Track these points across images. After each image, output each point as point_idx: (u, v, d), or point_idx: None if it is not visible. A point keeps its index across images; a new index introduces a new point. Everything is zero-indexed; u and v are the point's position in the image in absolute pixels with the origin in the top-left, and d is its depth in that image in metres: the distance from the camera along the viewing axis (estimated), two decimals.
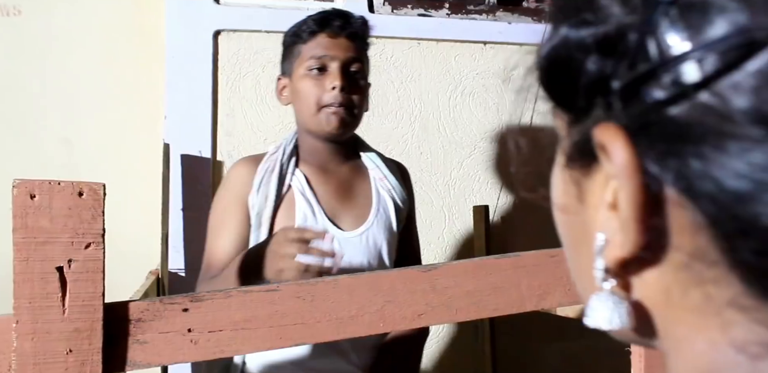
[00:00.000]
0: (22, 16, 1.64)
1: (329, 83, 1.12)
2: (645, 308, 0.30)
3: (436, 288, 0.76)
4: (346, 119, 1.13)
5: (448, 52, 1.77)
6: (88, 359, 0.61)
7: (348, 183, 1.20)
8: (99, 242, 0.63)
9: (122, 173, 1.63)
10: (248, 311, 0.69)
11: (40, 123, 1.63)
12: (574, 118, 0.30)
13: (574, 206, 0.32)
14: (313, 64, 1.14)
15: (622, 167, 0.26)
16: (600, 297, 0.30)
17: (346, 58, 1.14)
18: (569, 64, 0.28)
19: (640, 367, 0.77)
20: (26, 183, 0.61)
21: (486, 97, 1.78)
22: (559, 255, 0.80)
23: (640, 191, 0.26)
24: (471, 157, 1.77)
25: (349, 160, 1.23)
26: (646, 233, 0.27)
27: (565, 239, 0.35)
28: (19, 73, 1.63)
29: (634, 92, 0.26)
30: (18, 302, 0.60)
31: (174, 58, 1.64)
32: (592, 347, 1.79)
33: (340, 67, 1.13)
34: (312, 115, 1.13)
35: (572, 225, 0.33)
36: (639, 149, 0.26)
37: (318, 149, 1.19)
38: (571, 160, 0.31)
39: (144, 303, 0.66)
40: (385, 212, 1.20)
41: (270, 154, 1.17)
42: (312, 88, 1.13)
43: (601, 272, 0.29)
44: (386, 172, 1.22)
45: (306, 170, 1.17)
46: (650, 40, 0.25)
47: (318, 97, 1.12)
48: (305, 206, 1.13)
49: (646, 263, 0.28)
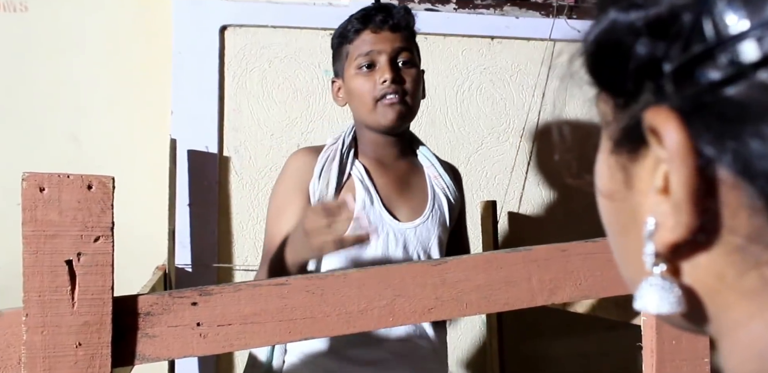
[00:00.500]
0: (29, 12, 1.64)
1: (379, 77, 1.14)
2: (696, 293, 0.29)
3: (446, 282, 0.75)
4: (402, 109, 1.15)
5: (455, 47, 1.76)
6: (97, 353, 0.61)
7: (404, 177, 1.23)
8: (108, 235, 0.63)
9: (129, 169, 1.63)
10: (257, 305, 0.69)
11: (48, 119, 1.63)
12: (621, 102, 0.30)
13: (621, 192, 0.31)
14: (362, 61, 1.16)
15: (676, 150, 0.26)
16: (650, 282, 0.30)
17: (393, 49, 1.16)
18: (618, 48, 0.28)
19: (651, 362, 0.77)
20: (35, 176, 0.60)
21: (493, 92, 1.77)
22: (569, 249, 0.80)
23: (693, 174, 0.26)
24: (478, 153, 1.76)
25: (406, 156, 1.25)
26: (700, 215, 0.27)
27: (610, 225, 0.35)
28: (25, 69, 1.63)
29: (688, 74, 0.26)
30: (27, 296, 0.60)
31: (180, 54, 1.63)
32: (601, 342, 1.78)
33: (388, 60, 1.15)
34: (369, 111, 1.15)
35: (618, 211, 0.33)
36: (693, 131, 0.26)
37: (376, 143, 1.21)
38: (619, 146, 0.31)
39: (153, 297, 0.66)
40: (439, 208, 1.22)
41: (329, 144, 1.20)
42: (364, 85, 1.15)
43: (652, 256, 0.29)
44: (441, 170, 1.25)
45: (365, 162, 1.20)
46: (706, 20, 0.25)
47: (371, 92, 1.14)
48: (364, 194, 1.15)
49: (698, 246, 0.28)
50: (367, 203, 1.15)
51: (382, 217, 1.16)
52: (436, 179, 1.24)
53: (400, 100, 1.14)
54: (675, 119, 0.26)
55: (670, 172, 0.27)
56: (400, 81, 1.15)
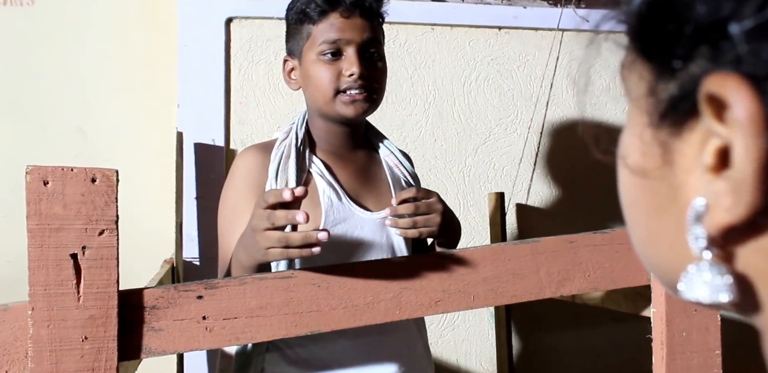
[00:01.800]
0: (35, 6, 1.64)
1: (346, 69, 1.04)
2: (749, 280, 0.27)
3: (453, 275, 0.75)
4: (366, 105, 1.06)
5: (462, 37, 1.75)
6: (103, 347, 0.61)
7: (364, 167, 1.15)
8: (113, 228, 0.62)
9: (136, 162, 1.63)
10: (263, 299, 0.68)
11: (54, 113, 1.63)
12: (668, 70, 0.27)
13: (658, 169, 0.29)
14: (327, 48, 1.05)
15: (748, 121, 0.23)
16: (699, 269, 0.27)
17: (363, 40, 1.05)
18: (672, 8, 0.26)
19: (662, 354, 0.76)
20: (39, 169, 0.60)
21: (501, 82, 1.76)
22: (577, 241, 0.79)
23: (765, 148, 0.23)
24: (486, 144, 1.75)
25: (362, 145, 1.17)
26: (764, 194, 0.24)
27: (637, 207, 0.31)
28: (32, 62, 1.63)
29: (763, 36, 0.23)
30: (33, 289, 0.60)
31: (186, 47, 1.63)
32: (610, 334, 1.78)
33: (357, 52, 1.05)
34: (328, 101, 1.06)
35: (652, 191, 0.30)
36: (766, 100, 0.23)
37: (331, 133, 1.12)
38: (661, 119, 0.28)
39: (159, 290, 0.65)
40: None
41: (281, 140, 1.10)
42: (326, 74, 1.05)
43: (702, 240, 0.27)
44: (402, 159, 1.18)
45: (322, 156, 1.12)
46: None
47: (334, 83, 1.05)
48: (329, 190, 1.07)
49: (756, 229, 0.25)
50: (334, 200, 1.06)
51: (353, 211, 1.08)
52: (397, 167, 1.17)
53: (365, 98, 1.05)
54: (747, 87, 0.23)
55: (734, 146, 0.24)
56: (368, 76, 1.05)
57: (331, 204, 1.06)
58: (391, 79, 1.71)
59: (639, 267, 0.80)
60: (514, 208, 1.76)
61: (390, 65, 1.83)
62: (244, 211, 0.99)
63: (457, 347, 1.75)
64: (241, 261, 0.86)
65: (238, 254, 0.88)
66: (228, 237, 1.02)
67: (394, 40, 1.70)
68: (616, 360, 1.77)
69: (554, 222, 1.77)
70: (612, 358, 1.78)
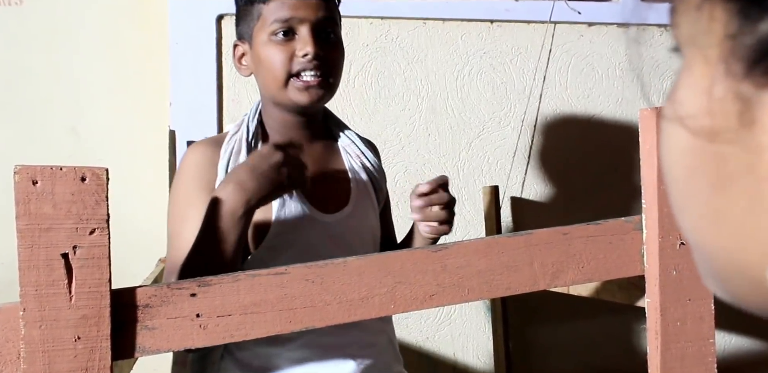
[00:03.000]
0: (23, 6, 1.63)
1: (299, 50, 0.96)
2: None
3: (447, 268, 0.75)
4: (321, 90, 0.98)
5: (454, 31, 1.75)
6: (96, 346, 0.61)
7: (322, 162, 1.06)
8: (104, 227, 0.62)
9: (129, 161, 1.62)
10: (257, 295, 0.68)
11: (46, 113, 1.63)
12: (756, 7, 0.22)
13: (732, 129, 0.23)
14: (278, 27, 0.97)
15: None
16: None
17: (317, 19, 0.98)
18: None
19: (656, 344, 0.76)
20: (28, 169, 0.60)
21: (494, 76, 1.76)
22: (571, 233, 0.79)
23: None
24: (480, 138, 1.75)
25: (320, 135, 1.08)
26: None
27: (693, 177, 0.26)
28: (22, 63, 1.62)
29: None
30: (24, 290, 0.59)
31: (178, 44, 1.62)
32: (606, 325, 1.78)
33: (311, 31, 0.97)
34: (280, 87, 0.98)
35: (719, 157, 0.24)
36: None
37: (286, 124, 1.04)
38: (750, 67, 0.23)
39: (151, 288, 0.65)
40: (364, 190, 1.08)
41: (231, 134, 1.02)
42: (278, 56, 0.97)
43: None
44: (363, 148, 1.10)
45: None
46: None
47: (286, 65, 0.97)
48: None
49: None
50: (286, 200, 0.98)
51: (305, 211, 0.99)
52: (357, 158, 1.08)
53: (320, 83, 0.97)
54: None
55: None
56: (323, 58, 0.97)
57: (282, 206, 0.98)
58: (384, 75, 1.71)
59: (633, 258, 0.80)
60: (508, 201, 1.76)
61: (382, 60, 1.83)
62: (193, 209, 0.94)
63: (454, 341, 1.75)
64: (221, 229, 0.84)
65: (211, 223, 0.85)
66: (178, 236, 0.95)
67: (386, 36, 1.70)
68: (612, 351, 1.77)
69: (549, 215, 1.77)
70: (609, 349, 1.79)
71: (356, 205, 1.05)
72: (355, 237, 1.04)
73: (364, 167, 1.09)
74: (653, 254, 0.77)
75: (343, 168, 1.08)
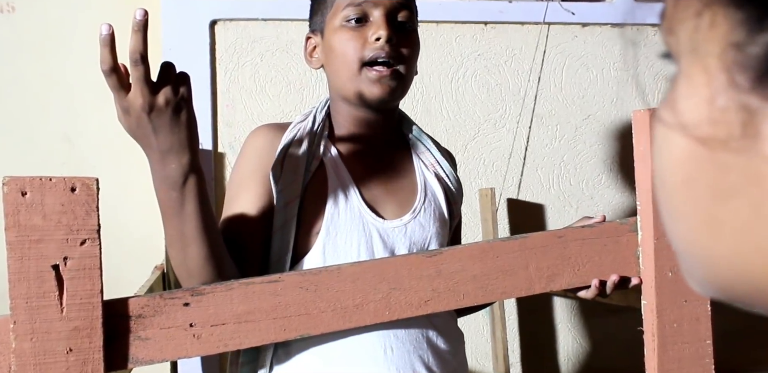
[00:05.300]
0: (16, 13, 1.63)
1: (372, 34, 0.91)
2: None
3: (441, 273, 0.74)
4: (394, 82, 0.92)
5: (448, 33, 1.74)
6: (89, 358, 0.60)
7: (390, 165, 1.00)
8: (95, 238, 0.62)
9: (123, 168, 1.62)
10: (251, 304, 0.68)
11: (40, 120, 1.62)
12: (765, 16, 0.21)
13: (735, 139, 0.23)
14: (351, 13, 0.92)
15: None
16: None
17: (392, 4, 0.92)
18: None
19: (653, 346, 0.76)
20: (16, 180, 0.59)
21: (488, 78, 1.76)
22: (566, 235, 0.79)
23: None
24: (475, 140, 1.75)
25: (392, 138, 1.02)
26: None
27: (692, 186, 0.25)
28: (15, 70, 1.61)
29: None
30: (15, 302, 0.59)
31: (171, 50, 1.62)
32: (604, 327, 1.78)
33: (385, 15, 0.91)
34: (352, 76, 0.92)
35: (721, 167, 0.24)
36: None
37: (356, 120, 0.98)
38: (759, 79, 0.22)
39: (144, 299, 0.65)
40: (434, 200, 1.00)
41: (297, 121, 0.97)
42: (350, 42, 0.92)
43: None
44: (439, 157, 1.03)
45: (340, 145, 0.97)
46: None
47: (359, 52, 0.91)
48: (337, 186, 0.93)
49: None
50: (341, 199, 0.92)
51: (362, 215, 0.93)
52: (432, 167, 1.02)
53: (392, 74, 0.91)
54: None
55: None
56: (397, 43, 0.91)
57: (336, 205, 0.92)
58: None
59: (628, 260, 0.79)
60: (505, 203, 1.76)
61: None
62: (244, 191, 0.92)
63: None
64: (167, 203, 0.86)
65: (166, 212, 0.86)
66: (225, 216, 0.93)
67: None
68: (610, 352, 1.77)
69: (546, 216, 1.77)
70: (606, 350, 1.78)
71: (418, 213, 0.97)
72: (407, 247, 0.95)
73: (438, 177, 1.02)
74: (649, 255, 0.77)
75: (412, 176, 1.01)
